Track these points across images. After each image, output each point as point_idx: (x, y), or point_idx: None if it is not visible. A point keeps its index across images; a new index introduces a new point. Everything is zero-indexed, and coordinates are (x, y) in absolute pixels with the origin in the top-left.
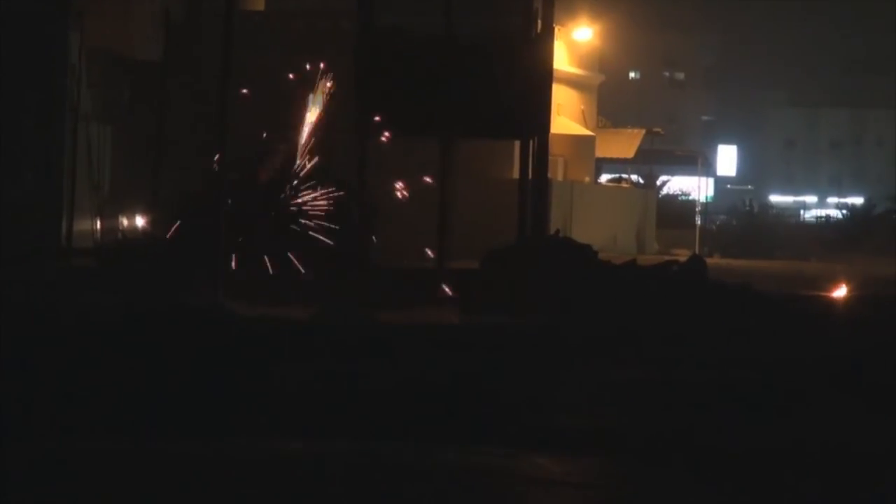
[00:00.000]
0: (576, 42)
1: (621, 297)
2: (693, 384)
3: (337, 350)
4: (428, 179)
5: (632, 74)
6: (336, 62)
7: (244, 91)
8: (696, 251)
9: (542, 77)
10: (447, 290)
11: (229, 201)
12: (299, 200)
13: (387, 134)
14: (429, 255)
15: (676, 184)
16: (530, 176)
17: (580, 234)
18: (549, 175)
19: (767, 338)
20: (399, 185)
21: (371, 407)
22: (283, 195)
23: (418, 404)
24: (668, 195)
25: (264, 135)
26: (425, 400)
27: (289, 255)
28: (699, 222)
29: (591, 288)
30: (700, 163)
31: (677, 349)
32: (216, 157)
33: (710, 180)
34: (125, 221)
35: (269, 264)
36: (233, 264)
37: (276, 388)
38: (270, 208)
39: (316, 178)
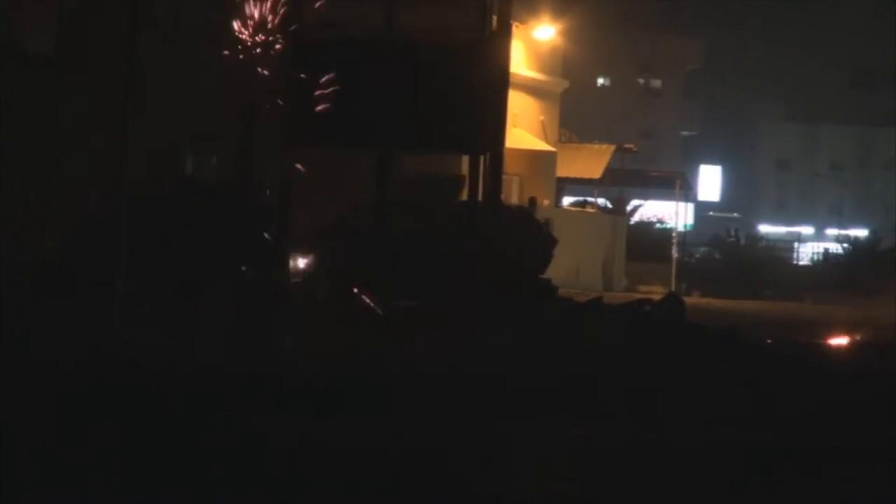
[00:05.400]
0: (536, 42)
1: (583, 342)
2: (669, 445)
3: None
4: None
5: (601, 81)
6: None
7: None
8: (673, 289)
9: (497, 82)
10: None
11: None
12: None
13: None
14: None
15: (651, 209)
16: (480, 197)
17: None
18: (503, 196)
19: (754, 391)
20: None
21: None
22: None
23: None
24: (640, 222)
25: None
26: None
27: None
28: (676, 255)
29: (549, 330)
30: (678, 185)
31: (648, 403)
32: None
33: (690, 206)
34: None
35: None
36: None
37: None
38: None
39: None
